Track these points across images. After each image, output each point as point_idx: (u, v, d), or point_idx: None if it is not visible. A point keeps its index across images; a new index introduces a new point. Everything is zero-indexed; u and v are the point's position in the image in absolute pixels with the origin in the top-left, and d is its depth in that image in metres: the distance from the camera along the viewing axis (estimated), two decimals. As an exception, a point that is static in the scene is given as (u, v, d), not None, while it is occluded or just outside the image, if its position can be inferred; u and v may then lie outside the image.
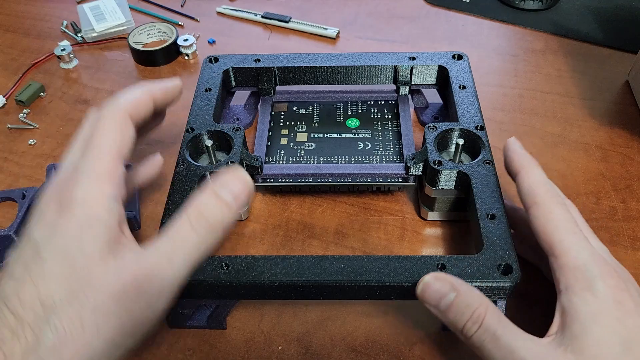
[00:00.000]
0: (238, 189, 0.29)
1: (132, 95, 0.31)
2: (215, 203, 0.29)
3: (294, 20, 0.61)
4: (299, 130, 0.45)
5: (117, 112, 0.30)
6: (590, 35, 0.58)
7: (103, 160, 0.28)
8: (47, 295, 0.25)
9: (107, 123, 0.29)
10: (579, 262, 0.28)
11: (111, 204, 0.28)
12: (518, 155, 0.34)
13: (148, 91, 0.32)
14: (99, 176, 0.28)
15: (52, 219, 0.27)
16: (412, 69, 0.45)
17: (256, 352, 0.35)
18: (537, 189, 0.32)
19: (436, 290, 0.29)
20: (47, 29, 0.62)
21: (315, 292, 0.32)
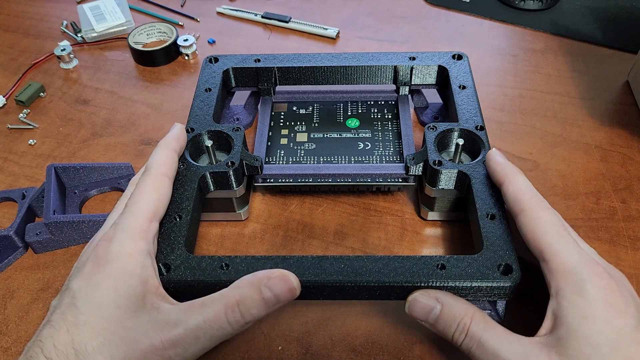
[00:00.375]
0: (283, 293, 0.30)
1: (162, 158, 0.35)
2: (256, 300, 0.29)
3: (294, 20, 0.61)
4: (299, 130, 0.45)
5: (155, 175, 0.34)
6: (590, 35, 0.58)
7: (139, 219, 0.31)
8: (81, 343, 0.27)
9: (147, 184, 0.33)
10: (568, 266, 0.28)
11: (145, 260, 0.30)
12: (500, 166, 0.35)
13: (169, 147, 0.36)
14: (135, 234, 0.30)
15: (89, 272, 0.29)
16: (412, 69, 0.45)
17: (256, 352, 0.35)
18: (522, 196, 0.32)
19: (422, 306, 0.30)
20: (47, 29, 0.62)
21: (315, 292, 0.32)
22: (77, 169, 0.43)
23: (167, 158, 0.35)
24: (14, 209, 0.43)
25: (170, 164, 0.35)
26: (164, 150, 0.35)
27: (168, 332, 0.28)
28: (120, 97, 0.53)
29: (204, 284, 0.31)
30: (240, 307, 0.29)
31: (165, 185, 0.34)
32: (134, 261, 0.29)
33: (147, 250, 0.30)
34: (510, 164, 0.35)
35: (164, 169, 0.34)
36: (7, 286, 0.38)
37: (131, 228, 0.30)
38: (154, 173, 0.34)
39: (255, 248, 0.40)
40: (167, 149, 0.36)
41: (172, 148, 0.36)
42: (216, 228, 0.41)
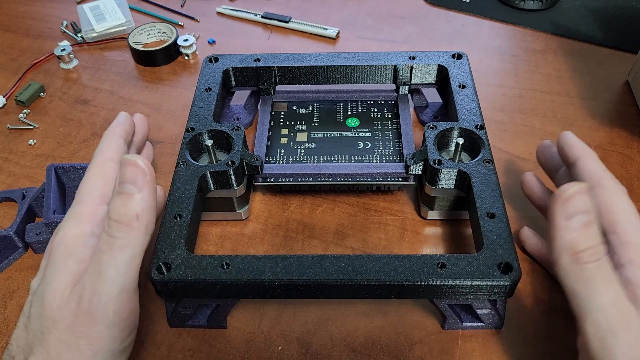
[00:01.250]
0: (131, 175, 0.30)
1: (106, 144, 0.36)
2: (117, 201, 0.29)
3: (294, 20, 0.61)
4: (299, 129, 0.45)
5: (98, 162, 0.35)
6: (590, 35, 0.58)
7: (85, 205, 0.33)
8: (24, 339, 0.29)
9: (91, 172, 0.34)
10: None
11: (87, 240, 0.31)
12: (578, 143, 0.35)
13: (117, 135, 0.37)
14: (79, 219, 0.32)
15: (42, 266, 0.32)
16: (411, 68, 0.45)
17: (256, 352, 0.35)
18: (603, 174, 0.33)
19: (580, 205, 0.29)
20: (47, 29, 0.62)
21: (315, 291, 0.32)
22: (77, 169, 0.43)
23: (110, 144, 0.36)
24: (14, 209, 0.43)
25: (115, 149, 0.36)
26: (106, 138, 0.37)
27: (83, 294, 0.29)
28: (120, 97, 0.53)
29: (204, 283, 0.31)
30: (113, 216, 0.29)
31: (111, 168, 0.34)
32: (74, 243, 0.31)
33: (91, 231, 0.31)
34: (587, 146, 0.35)
35: (108, 154, 0.35)
36: (7, 286, 0.38)
37: (76, 215, 0.32)
38: (97, 160, 0.35)
39: (255, 248, 0.40)
40: (110, 135, 0.37)
41: (115, 134, 0.37)
42: (216, 228, 0.41)
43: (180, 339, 0.35)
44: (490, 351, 0.34)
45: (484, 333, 0.35)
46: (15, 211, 0.42)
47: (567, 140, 0.36)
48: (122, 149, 0.37)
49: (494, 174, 0.36)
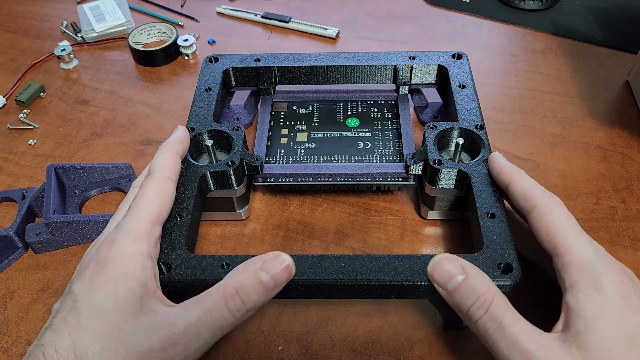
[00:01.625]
0: (280, 273, 0.30)
1: (164, 161, 0.35)
2: (254, 285, 0.29)
3: (294, 20, 0.61)
4: (299, 129, 0.45)
5: (158, 179, 0.33)
6: (590, 35, 0.58)
7: (141, 221, 0.31)
8: (81, 348, 0.27)
9: (150, 188, 0.33)
10: (584, 259, 0.28)
11: (145, 262, 0.30)
12: (505, 167, 0.35)
13: (172, 150, 0.36)
14: (137, 236, 0.30)
15: (91, 275, 0.29)
16: (411, 68, 0.45)
17: (256, 352, 0.35)
18: (532, 193, 0.32)
19: (446, 271, 0.30)
20: (47, 29, 0.62)
21: (315, 291, 0.32)
22: (77, 169, 0.43)
23: (170, 161, 0.35)
24: (14, 209, 0.43)
25: (173, 167, 0.35)
26: (166, 153, 0.35)
27: (167, 331, 0.28)
28: (120, 97, 0.53)
29: (204, 283, 0.31)
30: (240, 294, 0.28)
31: (169, 188, 0.34)
32: (134, 263, 0.29)
33: (148, 252, 0.30)
34: (514, 165, 0.35)
35: (167, 172, 0.34)
36: (7, 286, 0.38)
37: (133, 230, 0.30)
38: (157, 176, 0.34)
39: (255, 248, 0.40)
40: (170, 152, 0.36)
41: (175, 151, 0.36)
42: (216, 228, 0.41)
43: (180, 339, 0.35)
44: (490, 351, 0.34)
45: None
46: (15, 211, 0.42)
47: (494, 164, 0.35)
48: (179, 167, 0.36)
49: (494, 174, 0.36)
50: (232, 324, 0.29)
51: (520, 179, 0.33)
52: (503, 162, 0.35)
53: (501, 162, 0.35)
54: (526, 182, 0.33)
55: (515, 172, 0.34)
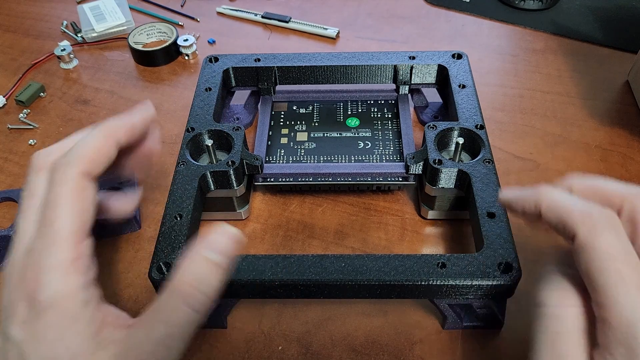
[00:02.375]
0: (227, 246, 0.26)
1: (87, 149, 0.27)
2: (209, 270, 0.26)
3: (294, 20, 0.61)
4: (299, 129, 0.45)
5: (72, 178, 0.26)
6: (590, 35, 0.58)
7: (63, 246, 0.25)
8: None
9: (62, 194, 0.25)
10: (623, 321, 0.22)
11: (84, 294, 0.25)
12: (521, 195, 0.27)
13: (108, 135, 0.28)
14: (63, 268, 0.25)
15: (27, 320, 0.24)
16: (411, 68, 0.45)
17: (256, 352, 0.35)
18: (569, 218, 0.24)
19: None
20: (47, 29, 0.62)
21: (315, 290, 0.32)
22: (77, 169, 0.43)
23: (97, 150, 0.27)
24: (14, 209, 0.43)
25: (99, 158, 0.27)
26: (96, 139, 0.27)
27: (135, 356, 0.24)
28: (121, 97, 0.53)
29: (204, 283, 0.31)
30: (199, 288, 0.25)
31: (89, 187, 0.26)
32: (73, 304, 0.25)
33: (84, 282, 0.25)
34: (529, 188, 0.27)
35: (87, 165, 0.26)
36: (7, 286, 0.38)
37: (58, 264, 0.25)
38: (70, 174, 0.26)
39: (255, 248, 0.40)
40: (105, 136, 0.27)
41: (113, 137, 0.28)
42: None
43: (180, 338, 0.35)
44: (490, 351, 0.34)
45: (484, 333, 0.35)
46: (15, 211, 0.42)
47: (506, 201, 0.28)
48: (109, 157, 0.28)
49: (494, 173, 0.36)
50: (200, 320, 0.26)
51: (547, 196, 0.26)
52: (515, 191, 0.28)
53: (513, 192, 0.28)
54: (557, 202, 0.25)
55: (536, 193, 0.26)
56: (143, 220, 0.42)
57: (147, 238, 0.41)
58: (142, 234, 0.41)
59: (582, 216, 0.24)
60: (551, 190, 0.26)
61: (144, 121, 0.30)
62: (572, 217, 0.24)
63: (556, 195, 0.26)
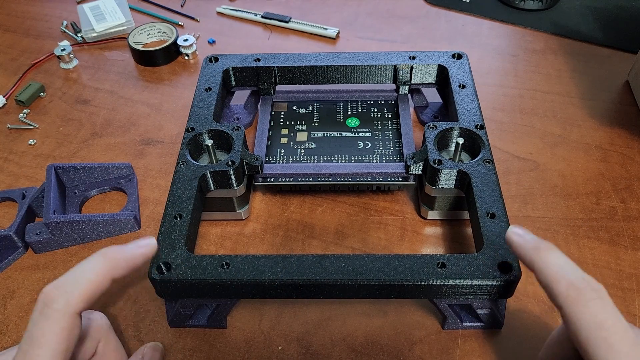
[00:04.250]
0: None
1: (85, 286, 0.26)
2: None
3: (294, 20, 0.61)
4: (299, 129, 0.45)
5: (64, 317, 0.25)
6: (590, 35, 0.58)
7: None
8: None
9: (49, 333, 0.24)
10: None
11: None
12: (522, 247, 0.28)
13: (108, 273, 0.27)
14: None
15: None
16: (411, 68, 0.45)
17: (256, 352, 0.35)
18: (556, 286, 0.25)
19: None
20: (47, 29, 0.62)
21: (315, 291, 0.32)
22: (77, 169, 0.43)
23: (96, 287, 0.26)
24: (14, 209, 0.43)
25: (96, 295, 0.26)
26: (97, 276, 0.26)
27: None
28: (120, 97, 0.53)
29: (204, 282, 0.31)
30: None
31: (76, 326, 0.25)
32: None
33: None
34: (536, 238, 0.28)
35: (82, 304, 0.26)
36: (7, 286, 0.38)
37: None
38: (64, 311, 0.25)
39: (255, 248, 0.40)
40: (104, 275, 0.27)
41: (112, 273, 0.27)
42: (216, 228, 0.41)
43: (180, 338, 0.35)
44: (490, 351, 0.34)
45: (484, 333, 0.35)
46: (15, 211, 0.42)
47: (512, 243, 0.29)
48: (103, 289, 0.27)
49: (494, 173, 0.36)
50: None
51: (542, 261, 0.26)
52: (521, 233, 0.29)
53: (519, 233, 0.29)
54: (548, 268, 0.26)
55: (534, 250, 0.27)
56: (143, 221, 0.42)
57: (147, 238, 0.41)
58: (142, 234, 0.41)
59: (567, 288, 0.25)
60: (547, 253, 0.27)
61: (144, 259, 0.29)
62: (558, 289, 0.25)
63: (550, 261, 0.26)
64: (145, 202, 0.43)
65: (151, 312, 0.36)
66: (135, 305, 0.37)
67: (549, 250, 0.27)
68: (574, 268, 0.26)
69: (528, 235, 0.28)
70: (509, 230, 0.29)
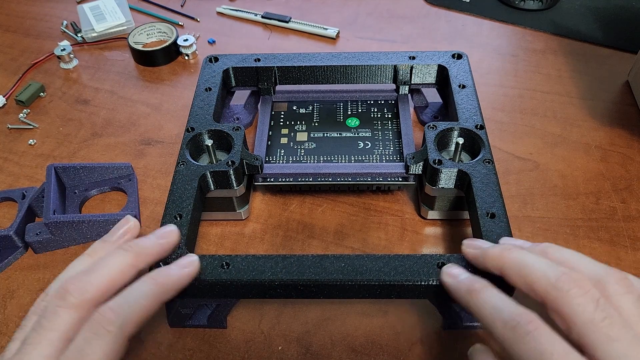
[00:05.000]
0: None
1: (142, 311, 0.27)
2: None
3: (294, 20, 0.61)
4: (299, 129, 0.45)
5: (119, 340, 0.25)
6: (590, 35, 0.58)
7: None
8: None
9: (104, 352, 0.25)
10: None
11: None
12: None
13: (158, 300, 0.28)
14: None
15: None
16: (411, 68, 0.45)
17: (256, 352, 0.35)
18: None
19: None
20: (47, 29, 0.62)
21: (315, 291, 0.32)
22: (77, 169, 0.43)
23: (148, 315, 0.27)
24: (14, 209, 0.43)
25: (146, 319, 0.27)
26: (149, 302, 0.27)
27: None
28: (120, 97, 0.53)
29: (204, 282, 0.31)
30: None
31: (124, 349, 0.26)
32: None
33: None
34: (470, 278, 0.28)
35: (134, 331, 0.26)
36: (7, 286, 0.38)
37: None
38: (119, 335, 0.25)
39: (255, 248, 0.40)
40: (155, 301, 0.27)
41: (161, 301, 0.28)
42: (216, 228, 0.41)
43: (180, 338, 0.35)
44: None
45: (484, 333, 0.35)
46: (15, 211, 0.42)
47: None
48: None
49: (494, 173, 0.36)
50: None
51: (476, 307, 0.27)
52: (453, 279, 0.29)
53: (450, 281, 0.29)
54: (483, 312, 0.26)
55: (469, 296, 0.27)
56: (143, 221, 0.42)
57: (147, 238, 0.41)
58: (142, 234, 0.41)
59: (502, 327, 0.25)
60: (480, 295, 0.27)
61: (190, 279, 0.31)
62: (494, 330, 0.25)
63: (483, 303, 0.26)
64: (145, 202, 0.43)
65: (151, 312, 0.36)
66: (135, 305, 0.37)
67: (482, 291, 0.27)
68: (507, 305, 0.26)
69: (462, 276, 0.29)
70: (442, 270, 0.30)
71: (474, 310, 0.27)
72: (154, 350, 0.35)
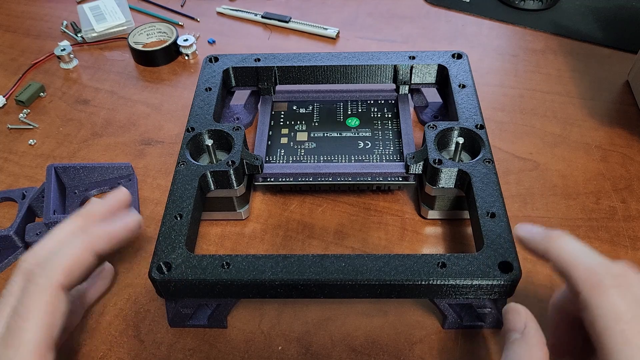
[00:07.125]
0: None
1: (65, 261, 0.27)
2: None
3: (294, 20, 0.61)
4: (299, 129, 0.45)
5: (46, 291, 0.26)
6: (590, 35, 0.58)
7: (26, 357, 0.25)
8: None
9: (34, 307, 0.26)
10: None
11: None
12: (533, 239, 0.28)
13: (88, 247, 0.28)
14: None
15: None
16: (411, 68, 0.45)
17: (256, 352, 0.35)
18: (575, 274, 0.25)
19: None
20: (47, 29, 0.62)
21: (316, 290, 0.32)
22: (77, 169, 0.43)
23: (76, 262, 0.27)
24: (14, 209, 0.43)
25: (78, 270, 0.27)
26: (77, 250, 0.27)
27: None
28: (120, 97, 0.53)
29: (204, 282, 0.31)
30: None
31: (61, 301, 0.26)
32: None
33: None
34: (544, 229, 0.28)
35: (63, 278, 0.26)
36: (7, 286, 0.38)
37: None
38: (45, 286, 0.26)
39: (255, 248, 0.40)
40: (85, 248, 0.28)
41: (93, 247, 0.28)
42: (216, 228, 0.41)
43: (181, 338, 0.35)
44: (490, 351, 0.34)
45: (484, 333, 0.35)
46: (15, 211, 0.42)
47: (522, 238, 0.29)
48: (90, 266, 0.28)
49: (494, 173, 0.36)
50: None
51: (556, 250, 0.26)
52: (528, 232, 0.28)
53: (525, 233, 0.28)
54: (563, 256, 0.25)
55: (547, 240, 0.27)
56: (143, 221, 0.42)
57: (147, 238, 0.41)
58: (142, 234, 0.41)
59: (586, 273, 0.24)
60: (561, 239, 0.26)
61: (129, 234, 0.30)
62: (576, 274, 0.24)
63: (565, 247, 0.26)
64: (145, 202, 0.43)
65: (151, 312, 0.36)
66: (135, 305, 0.37)
67: (562, 237, 0.26)
68: (590, 252, 0.25)
69: (536, 228, 0.28)
70: (515, 227, 0.29)
71: (553, 255, 0.26)
72: (154, 350, 0.35)
